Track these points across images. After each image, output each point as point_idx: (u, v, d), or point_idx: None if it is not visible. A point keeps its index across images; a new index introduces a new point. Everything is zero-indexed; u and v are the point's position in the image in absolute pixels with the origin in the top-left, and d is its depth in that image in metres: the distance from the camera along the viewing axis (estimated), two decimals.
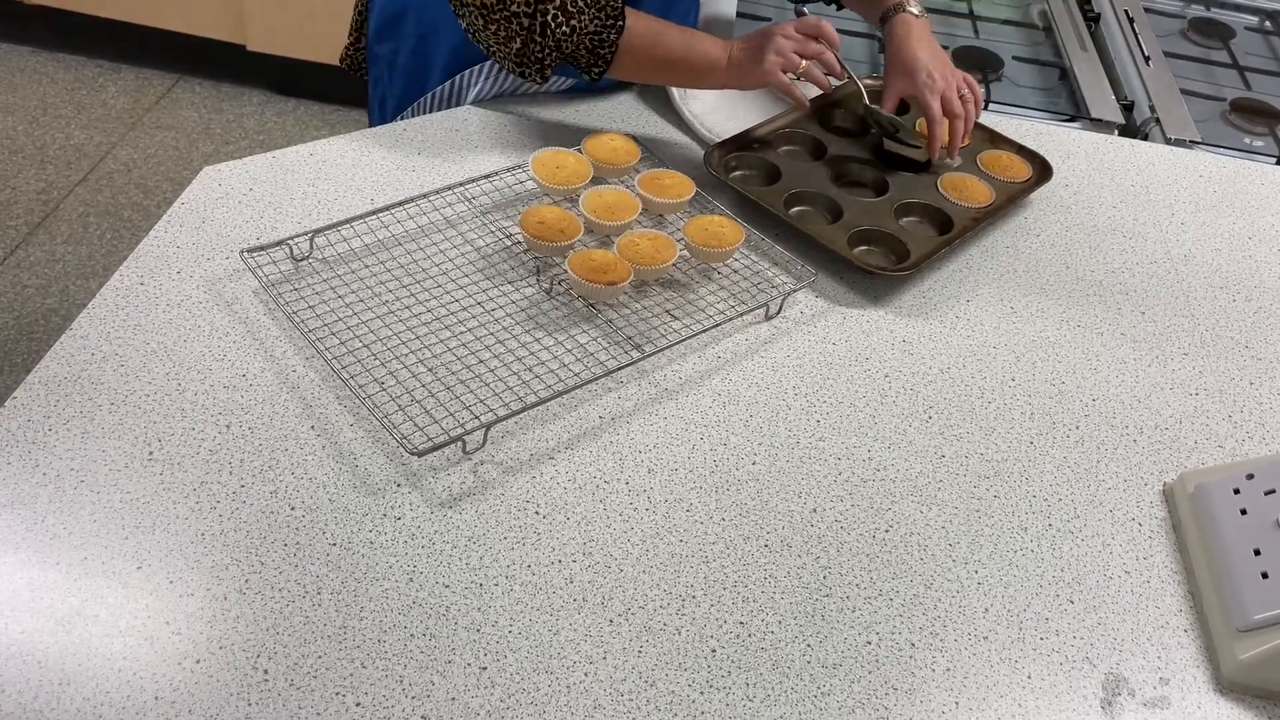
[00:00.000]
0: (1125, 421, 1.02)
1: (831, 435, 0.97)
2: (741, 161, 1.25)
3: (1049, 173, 1.29)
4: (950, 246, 1.16)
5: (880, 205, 1.20)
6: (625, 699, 0.76)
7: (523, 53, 1.11)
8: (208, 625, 0.76)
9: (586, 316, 1.04)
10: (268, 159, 1.18)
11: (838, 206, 1.19)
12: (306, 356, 0.97)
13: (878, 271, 1.12)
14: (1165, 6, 1.86)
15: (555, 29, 1.09)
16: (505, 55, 1.12)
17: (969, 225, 1.19)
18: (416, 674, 0.76)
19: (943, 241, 1.16)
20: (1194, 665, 0.83)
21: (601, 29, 1.12)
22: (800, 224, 1.16)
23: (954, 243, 1.17)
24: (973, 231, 1.19)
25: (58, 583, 0.78)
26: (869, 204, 1.21)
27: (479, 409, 0.93)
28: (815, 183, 1.22)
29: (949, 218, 1.19)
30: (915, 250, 1.14)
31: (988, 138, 1.33)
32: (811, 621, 0.82)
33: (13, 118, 2.73)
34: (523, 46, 1.10)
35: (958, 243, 1.17)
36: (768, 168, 1.24)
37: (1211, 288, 1.20)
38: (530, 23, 1.08)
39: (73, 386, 0.91)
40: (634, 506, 0.89)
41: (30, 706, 0.71)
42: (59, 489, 0.84)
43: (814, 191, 1.21)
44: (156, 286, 1.02)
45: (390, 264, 1.06)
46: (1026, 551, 0.89)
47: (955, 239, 1.17)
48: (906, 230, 1.18)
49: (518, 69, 1.14)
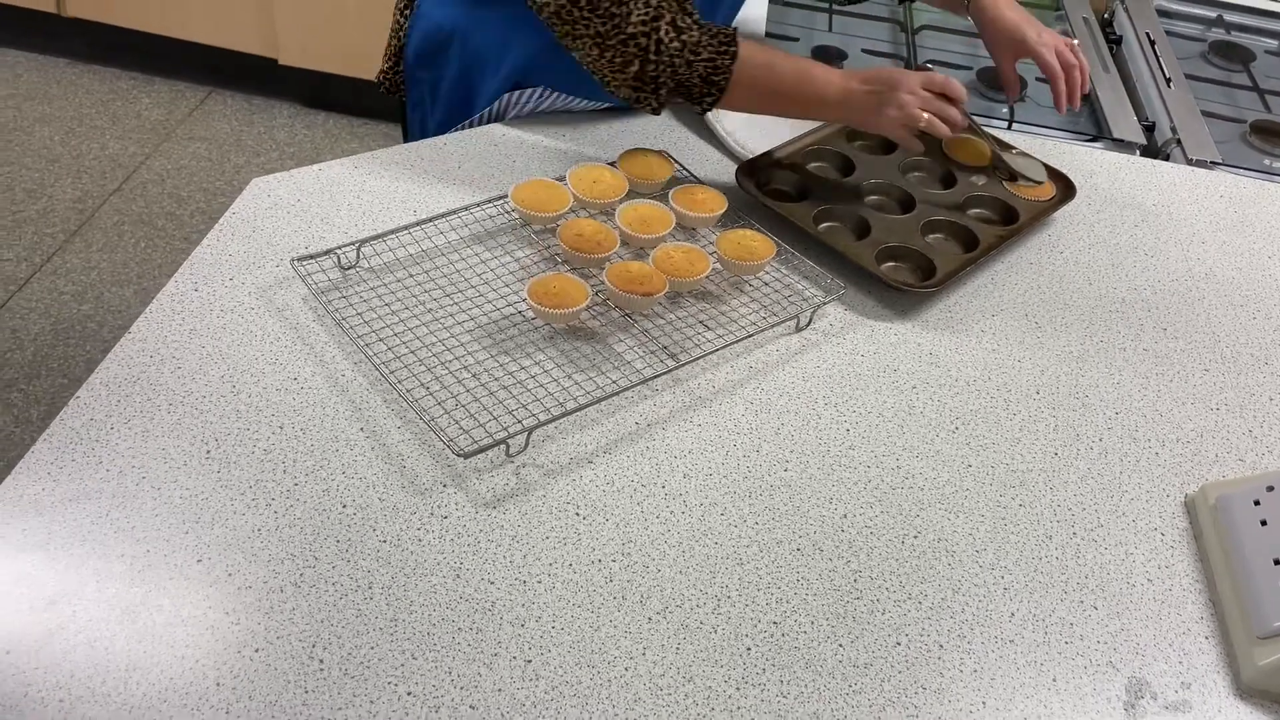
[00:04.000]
0: (1148, 434, 1.05)
1: (861, 444, 1.00)
2: (772, 178, 1.28)
3: (1073, 191, 1.32)
4: (975, 263, 1.19)
5: (907, 222, 1.24)
6: (664, 693, 0.79)
7: (640, 75, 1.12)
8: (265, 616, 0.80)
9: (623, 326, 1.07)
10: (314, 171, 1.22)
11: (865, 223, 1.22)
12: (355, 361, 1.00)
13: (905, 288, 1.15)
14: (1186, 29, 1.89)
15: (668, 44, 1.10)
16: (622, 82, 1.14)
17: (994, 243, 1.22)
18: (464, 666, 0.79)
19: (968, 259, 1.19)
20: (1215, 671, 0.85)
21: (715, 55, 1.12)
22: (829, 240, 1.19)
23: (979, 260, 1.20)
24: (997, 249, 1.22)
25: (123, 574, 0.81)
26: (896, 221, 1.24)
27: (521, 413, 0.96)
28: (843, 199, 1.25)
29: (974, 235, 1.23)
30: (941, 266, 1.17)
31: (1015, 154, 1.36)
32: (843, 622, 0.85)
33: (50, 128, 2.79)
34: (640, 68, 1.12)
35: (983, 259, 1.20)
36: (797, 184, 1.27)
37: (1232, 305, 1.22)
38: (647, 41, 1.10)
39: (133, 387, 0.95)
40: (670, 509, 0.92)
41: (99, 691, 0.74)
42: (121, 484, 0.87)
43: (842, 208, 1.24)
44: (210, 293, 1.05)
45: (434, 273, 1.10)
46: (1051, 559, 0.92)
47: (980, 256, 1.20)
48: (933, 247, 1.21)
49: (634, 94, 1.15)
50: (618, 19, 1.09)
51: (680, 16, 1.11)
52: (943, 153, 1.34)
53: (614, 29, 1.09)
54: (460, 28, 1.26)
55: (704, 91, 1.15)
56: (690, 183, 1.23)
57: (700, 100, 1.16)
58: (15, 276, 2.37)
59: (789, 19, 1.75)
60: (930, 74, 1.19)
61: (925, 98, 1.16)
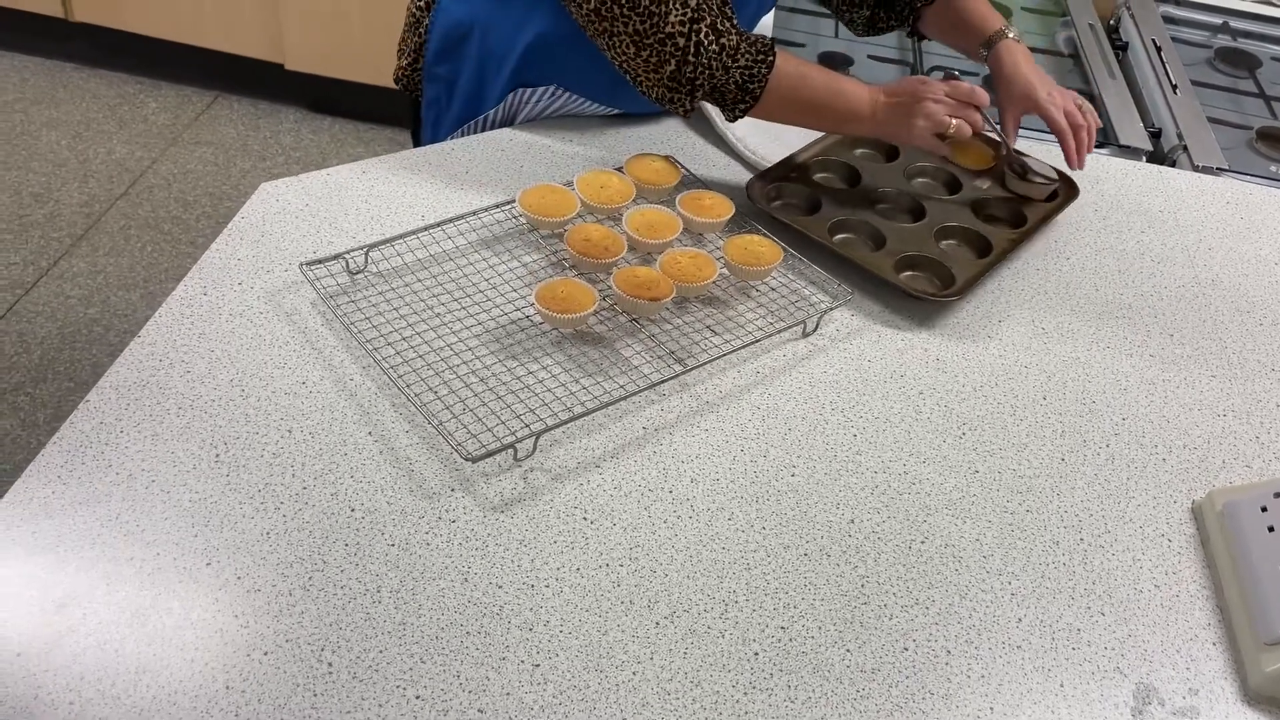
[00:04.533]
0: (1154, 440, 1.05)
1: (868, 449, 1.00)
2: (782, 191, 1.28)
3: (1075, 190, 1.32)
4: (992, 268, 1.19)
5: (920, 230, 1.24)
6: (672, 698, 0.79)
7: (675, 76, 1.13)
8: (274, 619, 0.80)
9: (630, 331, 1.08)
10: (322, 175, 1.22)
11: (880, 233, 1.22)
12: (363, 365, 1.00)
13: (927, 297, 1.15)
14: (1192, 36, 1.89)
15: (708, 47, 1.11)
16: (656, 82, 1.14)
17: (1007, 247, 1.22)
18: (472, 670, 0.79)
19: (985, 265, 1.20)
20: (1222, 677, 0.85)
21: (753, 63, 1.13)
22: (847, 252, 1.19)
23: (996, 264, 1.20)
24: (1012, 252, 1.22)
25: (133, 577, 0.81)
26: (911, 229, 1.24)
27: (529, 418, 0.96)
28: (855, 209, 1.25)
29: (986, 240, 1.23)
30: (958, 273, 1.17)
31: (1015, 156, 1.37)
32: (850, 627, 0.85)
33: (57, 132, 2.80)
34: (676, 69, 1.12)
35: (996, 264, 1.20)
36: (808, 197, 1.27)
37: (1239, 312, 1.22)
38: (685, 42, 1.10)
39: (142, 391, 0.95)
40: (677, 514, 0.92)
41: (109, 693, 0.75)
42: (131, 488, 0.88)
43: (856, 219, 1.24)
44: (219, 297, 1.06)
45: (441, 278, 1.10)
46: (1058, 564, 0.92)
47: (997, 261, 1.20)
48: (948, 254, 1.21)
49: (668, 94, 1.15)
50: (656, 17, 1.09)
51: (721, 20, 1.12)
52: (943, 157, 1.34)
53: (652, 27, 1.10)
54: (480, 22, 1.26)
55: (738, 98, 1.16)
56: (697, 188, 1.24)
57: (734, 106, 1.17)
58: (22, 280, 2.38)
59: (794, 25, 1.76)
60: (955, 82, 1.21)
61: (952, 105, 1.18)
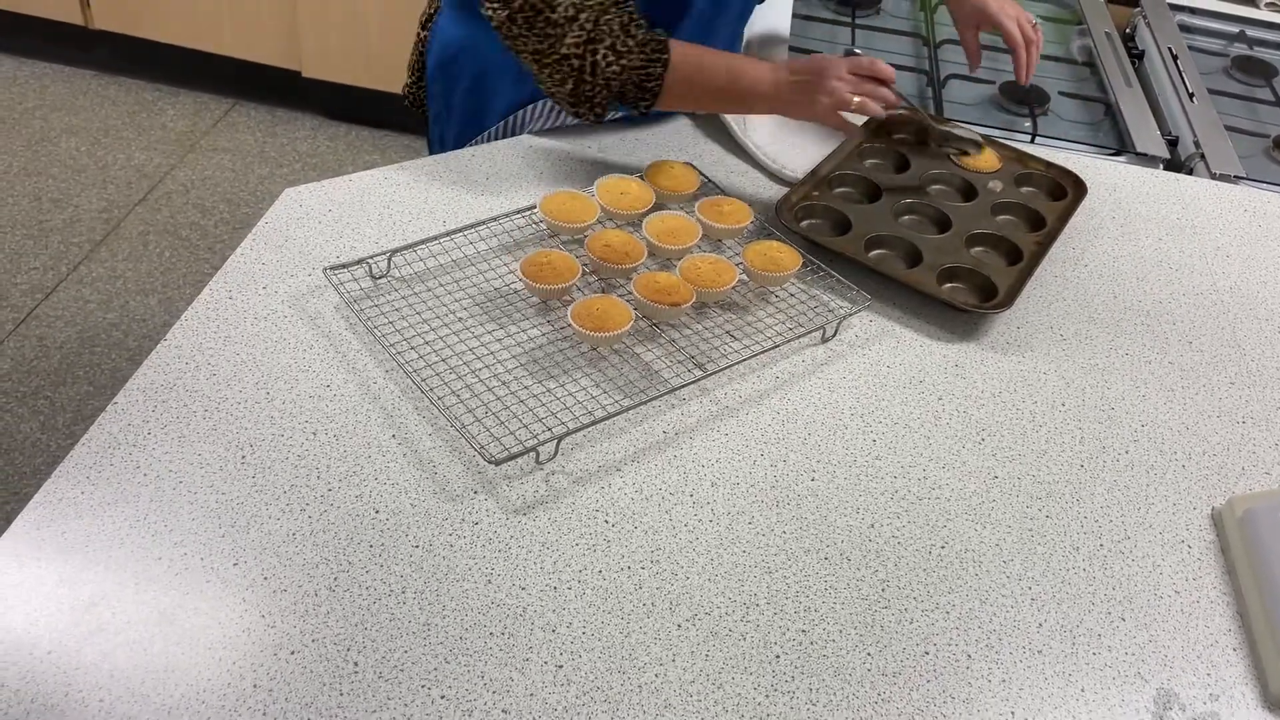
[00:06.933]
0: (1174, 447, 1.05)
1: (887, 454, 1.00)
2: (808, 211, 1.27)
3: (1083, 188, 1.33)
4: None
5: (953, 240, 1.24)
6: (694, 699, 0.79)
7: (575, 93, 1.15)
8: (301, 619, 0.81)
9: (650, 336, 1.08)
10: (344, 182, 1.23)
11: (914, 247, 1.22)
12: (387, 369, 1.01)
13: (977, 310, 1.14)
14: (1208, 44, 1.89)
15: (605, 68, 1.13)
16: (561, 96, 1.17)
17: (1036, 251, 1.23)
18: (497, 670, 0.80)
19: (1022, 271, 1.20)
20: (1243, 683, 0.86)
21: (647, 64, 1.15)
22: (887, 269, 1.18)
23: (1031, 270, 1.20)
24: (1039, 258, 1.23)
25: (160, 576, 0.82)
26: (942, 240, 1.24)
27: (550, 421, 0.97)
28: (883, 224, 1.25)
29: (1015, 246, 1.23)
30: (998, 281, 1.18)
31: (1015, 157, 1.38)
32: (871, 631, 0.86)
33: (76, 139, 2.82)
34: (575, 87, 1.15)
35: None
36: (834, 214, 1.27)
37: (1257, 319, 1.22)
38: (581, 64, 1.12)
39: (169, 394, 0.96)
40: (698, 518, 0.92)
41: (138, 691, 0.75)
42: (159, 489, 0.89)
43: (888, 234, 1.24)
44: (244, 301, 1.07)
45: (464, 283, 1.11)
46: (1079, 570, 0.92)
47: (1033, 267, 1.20)
48: (984, 263, 1.22)
49: (573, 109, 1.18)
50: (552, 39, 1.11)
51: (622, 40, 1.13)
52: (954, 162, 1.35)
53: (549, 49, 1.12)
54: (470, 42, 1.29)
55: (638, 97, 1.18)
56: (716, 194, 1.24)
57: (636, 104, 1.19)
58: (42, 285, 2.40)
59: (811, 33, 1.76)
60: (857, 58, 1.21)
61: (854, 81, 1.19)
